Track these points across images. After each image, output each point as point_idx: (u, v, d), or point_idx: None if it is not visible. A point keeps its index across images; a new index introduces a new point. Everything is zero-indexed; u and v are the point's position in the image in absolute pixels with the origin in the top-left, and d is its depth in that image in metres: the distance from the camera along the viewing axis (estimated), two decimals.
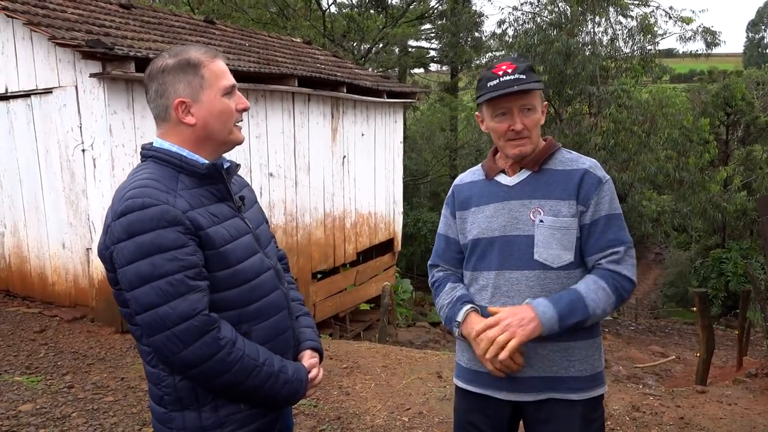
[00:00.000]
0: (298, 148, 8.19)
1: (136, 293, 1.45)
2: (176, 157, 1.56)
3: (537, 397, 1.85)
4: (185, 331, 1.44)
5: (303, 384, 1.64)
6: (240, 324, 1.56)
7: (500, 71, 1.81)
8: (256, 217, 1.76)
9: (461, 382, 2.01)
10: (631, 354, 11.55)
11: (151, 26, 7.29)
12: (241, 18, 18.75)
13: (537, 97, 1.85)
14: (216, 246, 1.52)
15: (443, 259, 2.05)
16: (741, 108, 21.79)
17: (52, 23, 5.69)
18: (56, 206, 6.19)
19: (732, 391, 4.50)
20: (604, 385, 1.92)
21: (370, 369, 5.06)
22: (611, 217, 1.84)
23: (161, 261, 1.43)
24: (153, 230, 1.43)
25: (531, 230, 1.83)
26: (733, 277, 18.53)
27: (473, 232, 1.92)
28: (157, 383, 1.56)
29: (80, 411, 4.04)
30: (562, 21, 17.08)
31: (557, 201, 1.82)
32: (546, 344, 1.81)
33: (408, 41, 25.12)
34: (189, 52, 1.58)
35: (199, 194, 1.55)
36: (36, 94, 6.07)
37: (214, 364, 1.47)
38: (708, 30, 18.46)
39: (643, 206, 16.57)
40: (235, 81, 1.62)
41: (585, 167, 1.86)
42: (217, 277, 1.52)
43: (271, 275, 1.67)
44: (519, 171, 1.90)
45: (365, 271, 10.17)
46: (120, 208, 1.46)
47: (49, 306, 6.37)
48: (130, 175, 1.57)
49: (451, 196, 2.05)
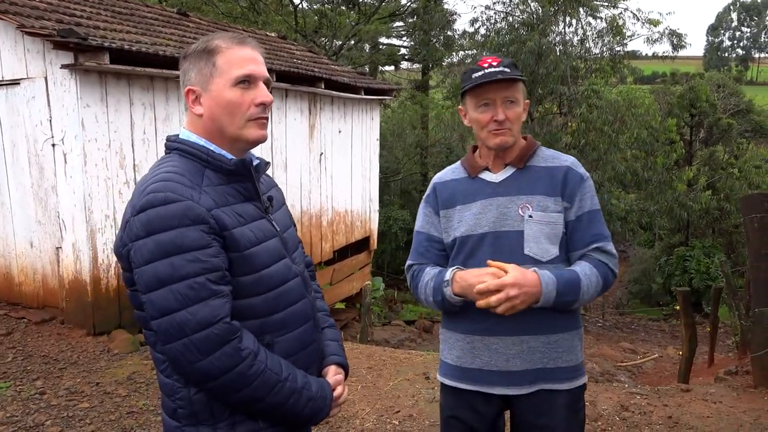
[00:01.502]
0: (275, 144, 8.03)
1: (152, 296, 1.33)
2: (203, 150, 1.45)
3: (529, 389, 1.88)
4: (204, 340, 1.32)
5: (327, 402, 1.54)
6: (263, 334, 1.45)
7: (485, 64, 1.85)
8: (284, 220, 1.64)
9: (449, 380, 2.00)
10: (603, 351, 11.70)
11: (123, 17, 7.04)
12: (211, 12, 18.38)
13: (520, 91, 1.88)
14: (241, 248, 1.40)
15: (425, 258, 2.01)
16: (704, 109, 22.31)
17: (20, 11, 5.42)
18: (23, 203, 5.92)
19: (715, 389, 4.55)
20: (585, 375, 2.00)
21: (355, 371, 4.96)
22: (594, 213, 1.91)
23: (182, 262, 1.31)
24: (174, 228, 1.31)
25: (521, 225, 1.85)
26: (696, 274, 18.96)
27: (461, 230, 1.92)
28: (170, 395, 1.44)
29: (54, 419, 3.86)
30: (533, 21, 17.21)
31: (544, 197, 1.86)
32: (538, 337, 1.86)
33: (379, 38, 25.02)
34: (214, 38, 1.47)
35: (225, 192, 1.44)
36: (2, 85, 5.78)
37: (234, 376, 1.35)
38: (674, 32, 18.84)
39: (612, 205, 16.82)
40: (257, 71, 1.47)
41: (567, 164, 1.92)
42: (241, 282, 1.41)
43: (298, 283, 1.56)
44: (504, 168, 1.92)
45: (341, 270, 10.06)
46: (140, 202, 1.34)
47: (15, 307, 6.09)
48: (153, 168, 1.45)
49: (432, 194, 2.03)
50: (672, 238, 23.64)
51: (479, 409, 1.94)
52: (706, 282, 18.16)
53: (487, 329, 1.88)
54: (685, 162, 21.61)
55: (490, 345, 1.89)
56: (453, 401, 1.99)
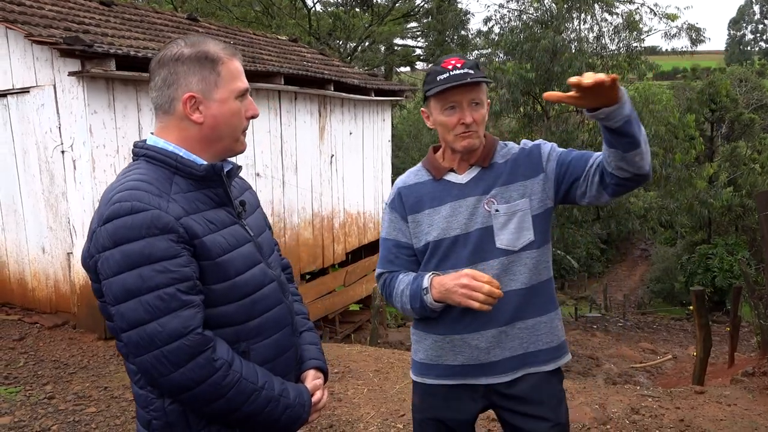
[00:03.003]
0: (285, 147, 8.04)
1: (121, 308, 1.30)
2: (171, 156, 1.42)
3: (513, 375, 1.90)
4: (176, 351, 1.29)
5: (305, 408, 1.50)
6: (238, 342, 1.43)
7: (449, 65, 1.82)
8: (258, 224, 1.61)
9: (427, 379, 1.97)
10: (622, 351, 11.54)
11: (132, 24, 7.10)
12: (226, 16, 18.54)
13: (484, 93, 1.87)
14: (212, 256, 1.38)
15: (396, 265, 1.98)
16: (725, 104, 21.95)
17: (28, 20, 5.50)
18: (35, 209, 6.00)
19: (730, 391, 4.43)
20: (568, 352, 2.02)
21: (362, 373, 4.93)
22: (564, 150, 1.91)
23: (151, 273, 1.28)
24: (142, 238, 1.29)
25: (489, 221, 1.86)
26: (720, 272, 18.65)
27: (432, 234, 1.90)
28: (145, 406, 1.42)
29: (61, 423, 3.88)
30: (548, 18, 17.06)
31: (505, 187, 1.87)
32: (514, 324, 1.87)
33: (394, 39, 24.98)
34: (208, 44, 1.44)
35: (196, 198, 1.41)
36: (12, 93, 5.86)
37: (208, 387, 1.33)
38: (693, 27, 18.57)
39: (630, 203, 16.61)
40: (248, 85, 1.50)
41: (521, 146, 1.95)
42: (214, 290, 1.38)
43: (274, 288, 1.53)
44: (469, 168, 1.92)
45: (354, 272, 10.04)
46: (106, 212, 1.31)
47: (29, 312, 6.17)
48: (120, 175, 1.42)
49: (397, 199, 1.98)
50: (694, 236, 23.29)
51: (462, 406, 1.93)
52: (730, 280, 17.84)
53: (465, 327, 1.88)
54: (705, 158, 21.26)
55: (470, 342, 1.88)
56: (432, 401, 1.97)
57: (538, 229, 1.88)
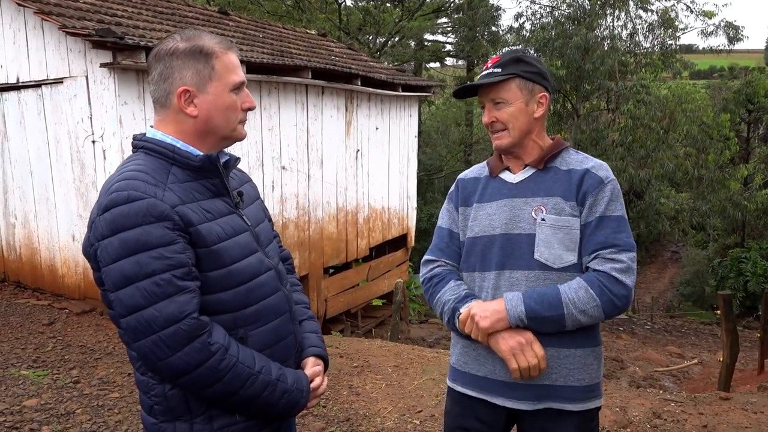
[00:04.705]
0: (311, 141, 8.08)
1: (120, 294, 1.35)
2: (168, 148, 1.46)
3: (534, 406, 1.79)
4: (172, 336, 1.33)
5: (303, 394, 1.53)
6: (236, 328, 1.46)
7: (487, 65, 1.85)
8: (256, 215, 1.65)
9: (457, 385, 1.94)
10: (648, 354, 11.33)
11: (164, 16, 7.20)
12: (257, 10, 18.68)
13: (510, 90, 1.80)
14: (208, 244, 1.41)
15: (446, 254, 1.96)
16: (763, 105, 21.31)
17: (63, 12, 5.61)
18: (66, 198, 6.14)
19: (757, 399, 4.33)
20: (601, 397, 1.86)
21: (381, 368, 4.94)
22: (605, 219, 1.74)
23: (147, 259, 1.33)
24: (138, 226, 1.33)
25: (532, 229, 1.77)
26: (753, 277, 18.15)
27: (474, 230, 1.88)
28: (146, 392, 1.46)
29: (85, 407, 3.97)
30: (580, 15, 16.79)
31: (560, 199, 1.77)
32: (546, 350, 1.75)
33: (424, 35, 24.91)
34: (203, 39, 1.48)
35: (192, 188, 1.45)
36: (47, 84, 6.00)
37: (205, 371, 1.36)
38: (731, 24, 18.07)
39: (660, 204, 16.29)
40: (245, 78, 1.53)
41: (587, 167, 1.79)
42: (210, 277, 1.42)
43: (271, 276, 1.56)
44: (524, 168, 1.86)
45: (378, 267, 10.06)
46: (105, 202, 1.37)
47: (58, 298, 6.33)
48: (119, 167, 1.47)
49: (455, 191, 2.01)
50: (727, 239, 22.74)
51: (485, 418, 1.87)
52: (763, 285, 17.35)
53: None
54: (741, 159, 20.72)
55: (494, 355, 1.80)
56: (459, 408, 1.94)
57: (582, 254, 1.77)
